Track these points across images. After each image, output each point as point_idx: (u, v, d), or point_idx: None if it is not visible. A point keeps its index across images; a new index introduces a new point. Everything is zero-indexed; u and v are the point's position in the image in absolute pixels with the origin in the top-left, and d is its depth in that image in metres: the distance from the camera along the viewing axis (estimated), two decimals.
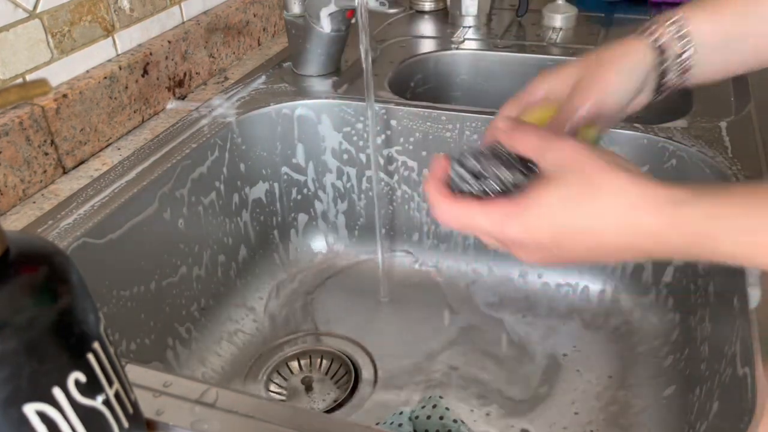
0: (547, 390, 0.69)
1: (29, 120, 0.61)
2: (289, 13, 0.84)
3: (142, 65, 0.74)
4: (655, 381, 0.68)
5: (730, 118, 0.72)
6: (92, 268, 0.59)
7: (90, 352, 0.28)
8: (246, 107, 0.79)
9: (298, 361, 0.74)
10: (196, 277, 0.73)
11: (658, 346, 0.72)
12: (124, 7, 0.74)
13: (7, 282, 0.25)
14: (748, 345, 0.47)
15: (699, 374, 0.59)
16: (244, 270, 0.81)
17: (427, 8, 1.10)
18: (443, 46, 0.97)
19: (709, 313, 0.62)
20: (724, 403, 0.50)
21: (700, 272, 0.68)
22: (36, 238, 0.29)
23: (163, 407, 0.39)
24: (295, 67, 0.87)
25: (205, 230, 0.74)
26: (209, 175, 0.74)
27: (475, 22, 1.03)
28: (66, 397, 0.27)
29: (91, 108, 0.68)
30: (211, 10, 0.88)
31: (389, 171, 0.83)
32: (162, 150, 0.70)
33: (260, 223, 0.83)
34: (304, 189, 0.86)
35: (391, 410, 0.67)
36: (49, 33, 0.65)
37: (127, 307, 0.63)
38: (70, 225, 0.58)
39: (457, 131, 0.78)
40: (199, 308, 0.74)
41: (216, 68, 0.88)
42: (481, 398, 0.68)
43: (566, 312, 0.78)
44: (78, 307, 0.28)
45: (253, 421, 0.38)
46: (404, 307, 0.81)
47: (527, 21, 1.05)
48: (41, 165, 0.64)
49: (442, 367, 0.72)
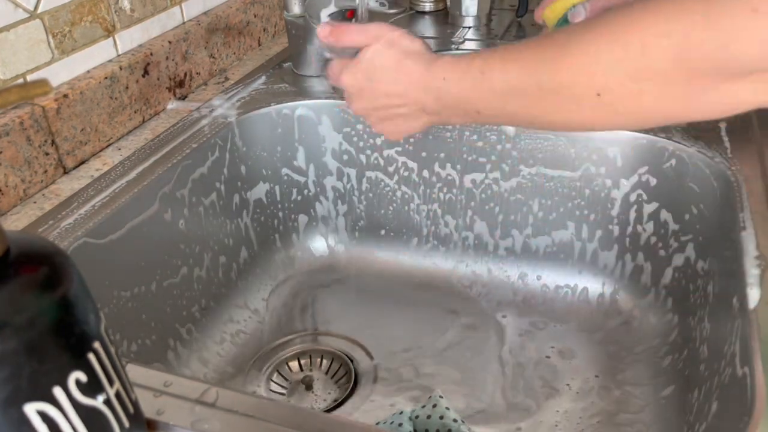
0: (547, 390, 0.69)
1: (30, 120, 0.62)
2: (290, 13, 0.84)
3: (142, 65, 0.74)
4: (655, 381, 0.68)
5: (729, 118, 0.73)
6: (93, 268, 0.59)
7: (90, 352, 0.28)
8: (246, 107, 0.79)
9: (299, 361, 0.74)
10: (197, 278, 0.73)
11: (657, 346, 0.72)
12: (124, 8, 0.74)
13: (7, 282, 0.25)
14: (747, 345, 0.47)
15: (698, 374, 0.60)
16: (244, 270, 0.81)
17: (427, 9, 1.10)
18: (443, 47, 0.97)
19: (708, 314, 0.62)
20: (723, 403, 0.50)
21: (699, 272, 0.68)
22: (36, 238, 0.29)
23: (163, 407, 0.39)
24: (296, 68, 0.88)
25: (205, 231, 0.74)
26: (210, 176, 0.74)
27: (475, 23, 1.03)
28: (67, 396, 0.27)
29: (92, 108, 0.68)
30: (211, 10, 0.88)
31: (389, 172, 0.83)
32: (162, 150, 0.70)
33: (261, 224, 0.83)
34: (304, 190, 0.86)
35: (390, 410, 0.67)
36: (49, 33, 0.65)
37: (127, 308, 0.63)
38: (71, 225, 0.58)
39: (457, 131, 0.78)
40: (200, 309, 0.74)
41: (216, 68, 0.88)
42: (481, 398, 0.68)
43: (565, 313, 0.78)
44: (78, 306, 0.28)
45: (253, 421, 0.38)
46: (404, 307, 0.81)
47: (527, 21, 1.05)
48: (42, 165, 0.64)
49: (442, 367, 0.72)
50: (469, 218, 0.83)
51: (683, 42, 0.33)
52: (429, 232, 0.86)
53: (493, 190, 0.80)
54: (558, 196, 0.78)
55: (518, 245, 0.83)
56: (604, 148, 0.74)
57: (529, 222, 0.81)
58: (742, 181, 0.62)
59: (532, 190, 0.79)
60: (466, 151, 0.79)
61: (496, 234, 0.83)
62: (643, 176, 0.73)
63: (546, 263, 0.82)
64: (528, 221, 0.81)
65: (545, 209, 0.80)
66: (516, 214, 0.81)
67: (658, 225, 0.74)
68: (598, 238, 0.79)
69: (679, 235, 0.72)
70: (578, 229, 0.79)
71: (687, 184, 0.70)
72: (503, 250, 0.84)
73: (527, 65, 0.41)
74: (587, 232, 0.79)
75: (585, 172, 0.76)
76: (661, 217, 0.74)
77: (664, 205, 0.73)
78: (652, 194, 0.74)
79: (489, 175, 0.80)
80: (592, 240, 0.79)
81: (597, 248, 0.79)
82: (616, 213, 0.77)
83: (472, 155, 0.79)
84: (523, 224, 0.81)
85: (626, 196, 0.75)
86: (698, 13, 0.32)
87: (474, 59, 0.45)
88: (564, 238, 0.80)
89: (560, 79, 0.39)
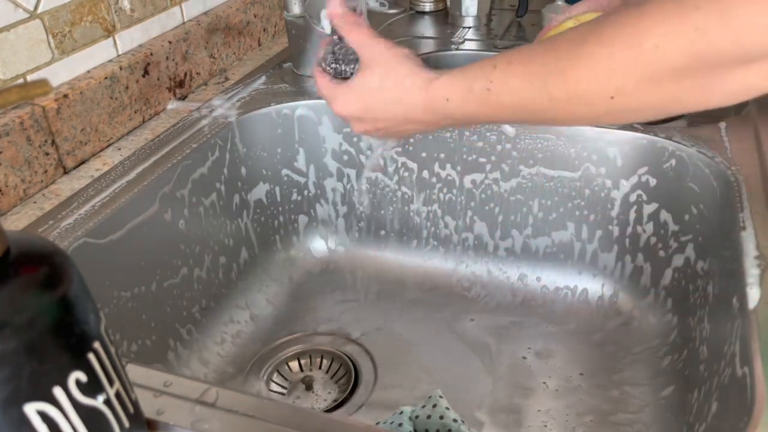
0: (546, 391, 0.69)
1: (30, 120, 0.62)
2: (290, 13, 0.84)
3: (142, 65, 0.74)
4: (654, 381, 0.68)
5: (729, 118, 0.73)
6: (93, 269, 0.59)
7: (91, 352, 0.28)
8: (246, 107, 0.79)
9: (299, 361, 0.74)
10: (197, 278, 0.73)
11: (656, 346, 0.72)
12: (124, 8, 0.74)
13: (7, 282, 0.25)
14: (747, 345, 0.47)
15: (698, 375, 0.60)
16: (244, 271, 0.81)
17: (427, 9, 1.10)
18: (443, 47, 0.97)
19: (708, 314, 0.62)
20: (723, 403, 0.50)
21: (699, 273, 0.68)
22: (36, 238, 0.29)
23: (163, 407, 0.39)
24: (296, 68, 0.88)
25: (205, 231, 0.74)
26: (210, 176, 0.74)
27: (475, 23, 1.03)
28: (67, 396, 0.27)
29: (92, 108, 0.68)
30: (211, 10, 0.88)
31: (389, 172, 0.83)
32: (162, 150, 0.70)
33: (261, 224, 0.83)
34: (304, 190, 0.86)
35: (390, 410, 0.67)
36: (49, 33, 0.65)
37: (128, 308, 0.63)
38: (71, 225, 0.58)
39: (457, 132, 0.78)
40: (200, 309, 0.74)
41: (216, 68, 0.88)
42: (481, 398, 0.68)
43: (565, 314, 0.78)
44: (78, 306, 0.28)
45: (253, 421, 0.38)
46: (404, 308, 0.81)
47: (527, 21, 1.05)
48: (42, 165, 0.64)
49: (442, 367, 0.72)
50: (468, 219, 0.83)
51: (698, 39, 0.33)
52: (429, 233, 0.86)
53: (492, 191, 0.80)
54: (558, 196, 0.78)
55: (518, 246, 0.83)
56: (604, 149, 0.74)
57: (528, 222, 0.81)
58: (742, 181, 0.62)
59: (532, 191, 0.79)
60: (466, 152, 0.79)
61: (495, 234, 0.83)
62: (642, 176, 0.73)
63: (546, 264, 0.82)
64: (528, 222, 0.81)
65: (545, 210, 0.80)
66: (516, 214, 0.81)
67: (657, 225, 0.74)
68: (598, 238, 0.79)
69: (679, 235, 0.72)
70: (578, 229, 0.79)
71: (687, 185, 0.70)
72: (503, 250, 0.84)
73: (535, 78, 0.40)
74: (587, 233, 0.79)
75: (585, 172, 0.76)
76: (660, 217, 0.74)
77: (664, 205, 0.73)
78: (651, 194, 0.74)
79: (489, 175, 0.80)
80: (591, 240, 0.79)
81: (597, 249, 0.79)
82: (616, 213, 0.77)
83: (472, 155, 0.79)
84: (522, 225, 0.81)
85: (626, 197, 0.75)
86: (712, 11, 0.32)
87: (476, 76, 0.44)
88: (564, 239, 0.80)
89: (572, 88, 0.39)
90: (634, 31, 0.35)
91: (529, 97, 0.41)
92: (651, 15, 0.35)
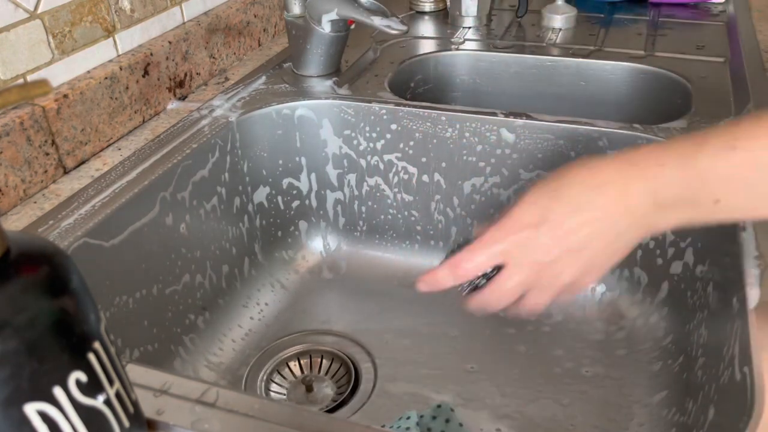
0: (544, 391, 0.69)
1: (30, 120, 0.62)
2: (290, 13, 0.84)
3: (142, 66, 0.74)
4: (654, 382, 0.68)
5: (729, 118, 0.73)
6: (93, 269, 0.59)
7: (91, 352, 0.28)
8: (246, 107, 0.79)
9: (299, 361, 0.74)
10: (197, 281, 0.73)
11: (656, 347, 0.72)
12: (124, 8, 0.74)
13: (7, 282, 0.25)
14: (747, 346, 0.47)
15: (698, 375, 0.59)
16: (245, 272, 0.81)
17: (427, 9, 1.10)
18: (443, 47, 0.97)
19: (707, 316, 0.62)
20: (722, 404, 0.50)
21: (698, 275, 0.68)
22: (37, 238, 0.29)
23: (163, 407, 0.39)
24: (296, 68, 0.88)
25: (206, 234, 0.74)
26: (210, 177, 0.74)
27: (475, 23, 1.03)
28: (67, 396, 0.27)
29: (92, 108, 0.68)
30: (211, 10, 0.88)
31: (389, 176, 0.83)
32: (163, 150, 0.70)
33: (261, 226, 0.83)
34: (305, 192, 0.86)
35: (391, 410, 0.67)
36: (49, 33, 0.65)
37: (129, 311, 0.63)
38: (71, 225, 0.58)
39: (457, 132, 0.78)
40: (200, 309, 0.74)
41: (216, 69, 0.88)
42: (481, 398, 0.68)
43: (564, 314, 0.78)
44: (79, 306, 0.28)
45: (253, 421, 0.38)
46: (404, 308, 0.81)
47: (527, 21, 1.05)
48: (42, 165, 0.64)
49: (442, 367, 0.72)
50: (468, 223, 0.83)
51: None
52: (428, 236, 0.86)
53: (492, 195, 0.80)
54: None
55: None
56: (604, 149, 0.74)
57: None
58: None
59: None
60: (465, 156, 0.79)
61: None
62: None
63: None
64: None
65: None
66: None
67: None
68: None
69: (679, 235, 0.72)
70: None
71: None
72: None
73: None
74: None
75: None
76: None
77: None
78: None
79: (489, 179, 0.80)
80: None
81: None
82: None
83: (471, 159, 0.79)
84: None
85: None
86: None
87: (706, 136, 0.35)
88: None
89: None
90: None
91: None
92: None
